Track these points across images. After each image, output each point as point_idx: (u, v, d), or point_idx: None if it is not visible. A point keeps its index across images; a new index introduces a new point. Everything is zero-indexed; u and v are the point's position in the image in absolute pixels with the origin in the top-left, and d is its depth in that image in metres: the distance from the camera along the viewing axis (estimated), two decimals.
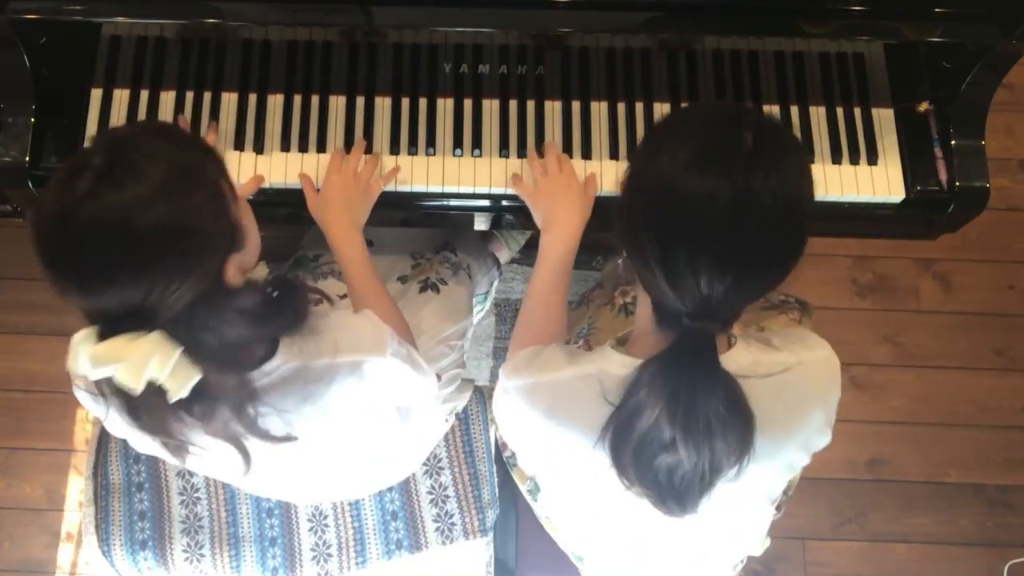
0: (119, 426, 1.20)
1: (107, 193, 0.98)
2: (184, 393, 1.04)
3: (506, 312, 2.38)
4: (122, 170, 0.99)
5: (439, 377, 1.57)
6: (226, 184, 1.11)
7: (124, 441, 1.64)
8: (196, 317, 1.05)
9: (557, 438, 1.19)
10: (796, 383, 1.15)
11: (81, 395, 1.22)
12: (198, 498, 1.62)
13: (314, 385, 1.19)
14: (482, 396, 1.70)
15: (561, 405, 1.18)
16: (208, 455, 1.17)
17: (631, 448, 1.08)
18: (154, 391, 1.03)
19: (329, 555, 1.61)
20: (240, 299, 1.09)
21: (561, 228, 1.46)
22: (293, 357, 1.16)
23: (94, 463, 1.64)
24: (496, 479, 1.65)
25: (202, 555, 1.59)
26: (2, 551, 2.23)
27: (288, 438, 1.19)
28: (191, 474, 1.63)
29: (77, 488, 2.26)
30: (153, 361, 1.01)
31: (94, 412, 1.25)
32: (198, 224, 1.03)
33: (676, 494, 1.09)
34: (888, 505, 2.29)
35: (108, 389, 1.07)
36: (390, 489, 1.63)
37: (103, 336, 1.02)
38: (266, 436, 1.16)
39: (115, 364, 1.01)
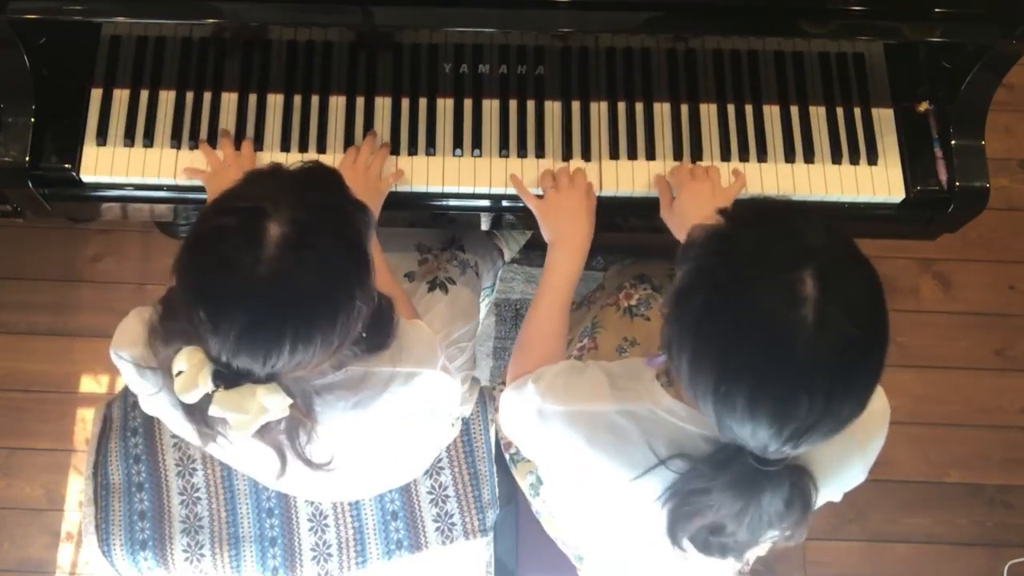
0: (159, 407, 1.20)
1: (296, 280, 0.98)
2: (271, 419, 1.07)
3: (506, 312, 2.38)
4: (314, 260, 0.99)
5: None
6: (373, 248, 1.10)
7: (124, 441, 1.65)
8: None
9: (593, 464, 1.18)
10: (848, 435, 1.15)
11: (126, 367, 1.22)
12: (198, 498, 1.62)
13: (369, 391, 1.21)
14: (482, 396, 1.70)
15: (603, 438, 1.16)
16: (240, 451, 1.18)
17: (688, 527, 1.08)
18: None
19: (329, 555, 1.61)
20: (347, 350, 1.11)
21: (570, 245, 1.45)
22: (356, 363, 1.17)
23: (94, 463, 1.64)
24: (496, 479, 1.65)
25: (202, 555, 1.59)
26: (2, 551, 2.23)
27: (325, 467, 1.20)
28: (191, 474, 1.63)
29: (77, 488, 2.25)
30: (267, 414, 1.04)
31: (137, 387, 1.24)
32: (362, 308, 1.04)
33: (720, 551, 1.10)
34: (888, 505, 2.28)
35: (167, 381, 1.08)
36: (390, 489, 1.63)
37: (219, 377, 1.02)
38: (308, 462, 1.17)
39: (235, 414, 1.03)
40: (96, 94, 1.56)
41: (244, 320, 0.98)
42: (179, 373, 1.04)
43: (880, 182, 1.56)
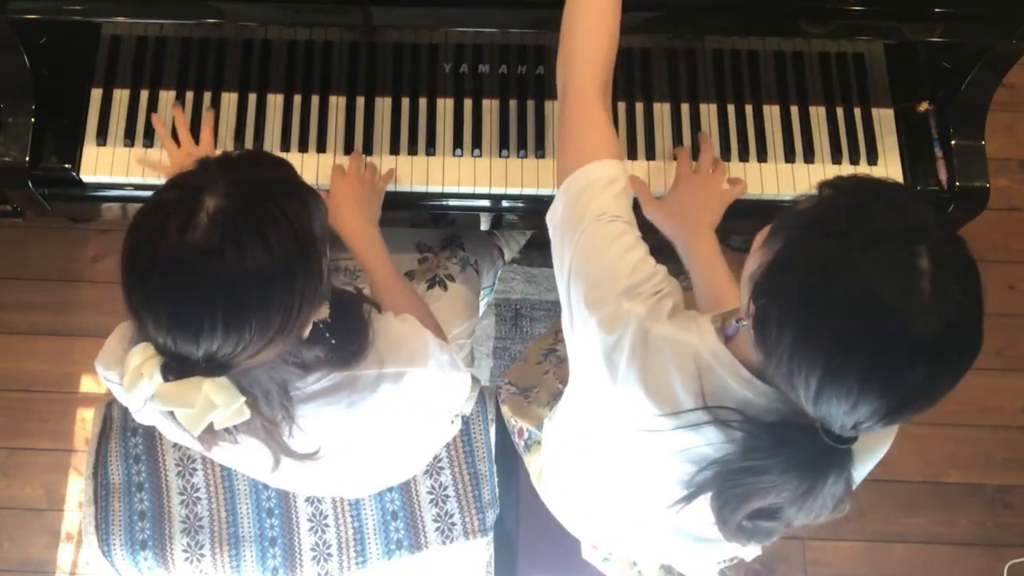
0: (151, 417, 1.20)
1: (229, 252, 0.95)
2: (228, 425, 1.05)
3: (506, 312, 2.38)
4: (249, 233, 0.95)
5: None
6: (327, 236, 1.07)
7: (124, 441, 1.65)
8: (264, 367, 1.05)
9: (625, 381, 1.11)
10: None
11: (113, 387, 1.22)
12: (198, 498, 1.62)
13: (359, 394, 1.20)
14: (482, 396, 1.70)
15: (643, 354, 1.09)
16: (237, 449, 1.18)
17: (741, 510, 1.04)
18: None
19: (329, 555, 1.61)
20: (307, 352, 1.09)
21: None
22: (334, 370, 1.17)
23: (94, 463, 1.64)
24: (496, 479, 1.65)
25: (202, 555, 1.59)
26: (2, 551, 2.23)
27: (311, 456, 1.19)
28: (191, 474, 1.63)
29: (77, 488, 2.25)
30: (216, 411, 1.01)
31: (126, 400, 1.24)
32: (305, 294, 1.01)
33: (750, 535, 1.08)
34: (888, 505, 2.28)
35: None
36: (390, 489, 1.63)
37: (167, 369, 1.00)
38: (292, 454, 1.16)
39: (180, 407, 1.01)
40: (96, 94, 1.56)
41: (174, 291, 0.96)
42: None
43: None
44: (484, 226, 1.66)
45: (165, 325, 0.97)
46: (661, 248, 1.51)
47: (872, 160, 1.56)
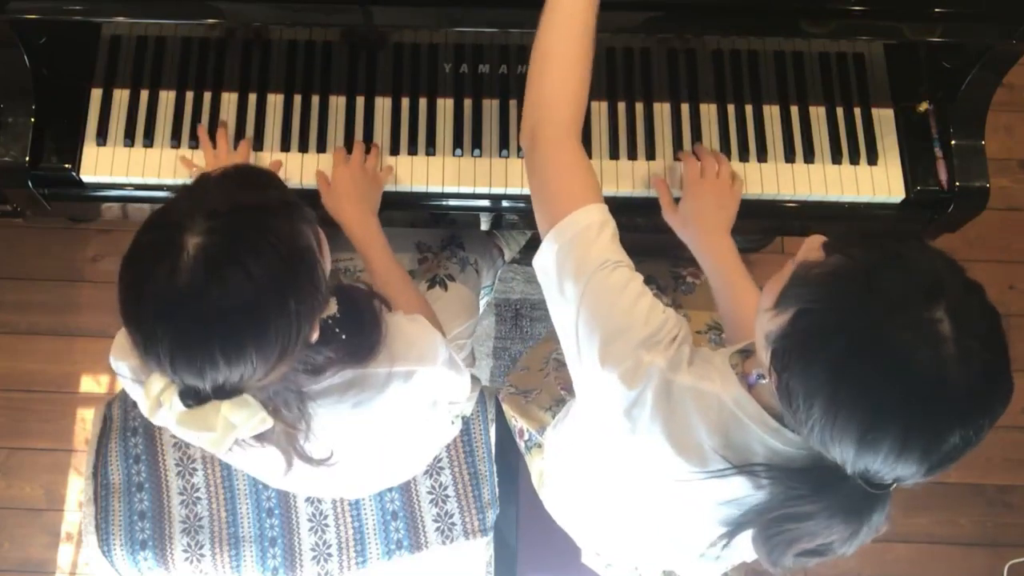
0: (164, 419, 1.20)
1: (217, 288, 0.95)
2: (253, 434, 1.06)
3: (506, 312, 2.38)
4: (231, 268, 0.96)
5: None
6: (319, 244, 1.07)
7: (124, 441, 1.65)
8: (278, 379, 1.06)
9: (648, 433, 1.10)
10: None
11: (128, 384, 1.22)
12: (198, 498, 1.62)
13: (368, 392, 1.21)
14: (482, 396, 1.70)
15: (667, 407, 1.08)
16: (249, 453, 1.18)
17: (789, 552, 1.04)
18: None
19: (329, 555, 1.61)
20: (317, 355, 1.10)
21: None
22: (344, 369, 1.17)
23: (94, 463, 1.64)
24: (496, 479, 1.65)
25: (202, 555, 1.59)
26: (2, 551, 2.23)
27: (326, 461, 1.20)
28: (191, 474, 1.63)
29: (77, 488, 2.26)
30: (238, 430, 1.02)
31: (138, 397, 1.24)
32: (301, 313, 1.01)
33: (794, 565, 1.09)
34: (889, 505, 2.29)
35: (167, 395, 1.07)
36: (390, 489, 1.63)
37: (186, 396, 1.01)
38: (308, 459, 1.17)
39: (202, 432, 1.02)
40: (96, 94, 1.56)
41: (168, 337, 0.97)
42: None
43: (880, 182, 1.56)
44: (484, 226, 1.66)
45: (168, 365, 0.98)
46: (651, 248, 1.52)
47: (872, 160, 1.56)
